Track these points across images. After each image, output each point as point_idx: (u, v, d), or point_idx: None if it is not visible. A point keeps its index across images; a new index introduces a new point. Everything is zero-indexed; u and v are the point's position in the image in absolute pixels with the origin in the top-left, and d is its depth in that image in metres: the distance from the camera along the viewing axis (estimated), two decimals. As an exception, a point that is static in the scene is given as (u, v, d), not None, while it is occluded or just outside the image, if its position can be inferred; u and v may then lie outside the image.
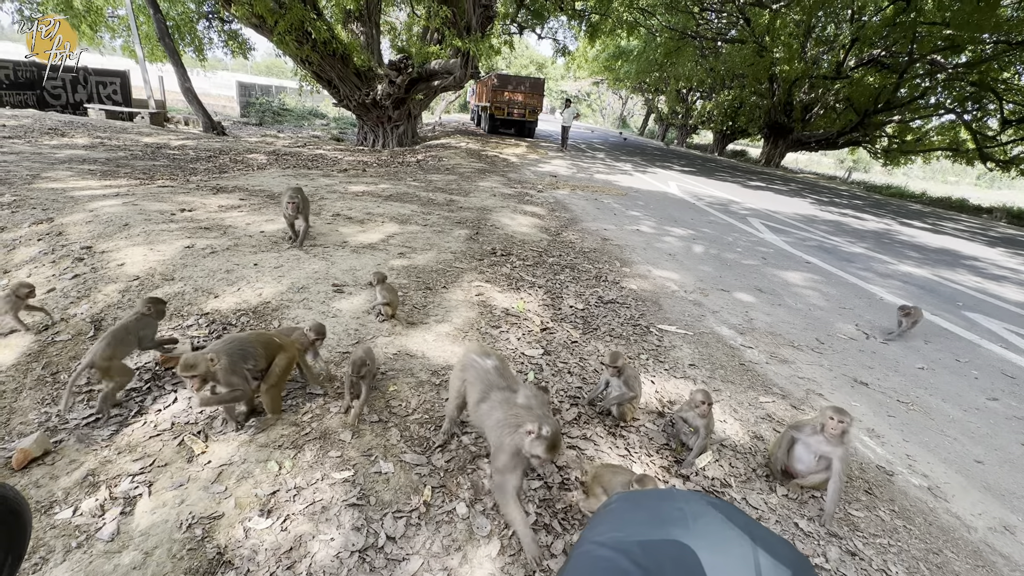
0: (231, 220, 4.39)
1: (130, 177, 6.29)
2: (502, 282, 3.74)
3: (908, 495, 2.06)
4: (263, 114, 21.93)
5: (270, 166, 8.18)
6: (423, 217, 5.40)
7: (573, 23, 17.81)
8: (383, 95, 11.83)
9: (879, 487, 2.08)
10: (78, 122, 11.36)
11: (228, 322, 2.66)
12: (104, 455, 1.75)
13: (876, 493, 2.04)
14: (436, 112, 29.70)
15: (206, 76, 24.56)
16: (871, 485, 2.08)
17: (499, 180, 8.90)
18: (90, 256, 3.32)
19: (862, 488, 2.06)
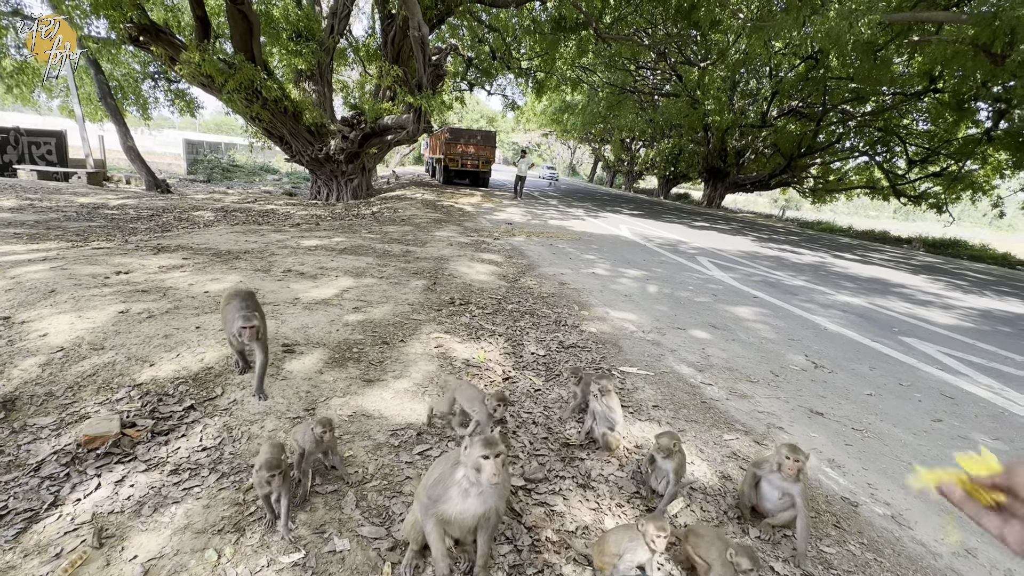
0: (172, 281, 4.16)
1: (61, 240, 5.92)
2: (462, 332, 3.68)
3: (874, 525, 2.08)
4: (211, 171, 21.50)
5: (218, 223, 7.92)
6: (379, 269, 5.32)
7: (520, 80, 18.80)
8: (336, 150, 11.89)
9: (846, 519, 2.09)
10: (5, 184, 10.74)
11: (164, 392, 2.45)
12: (6, 559, 1.52)
13: (844, 526, 2.04)
14: (391, 165, 30.05)
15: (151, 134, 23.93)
16: (839, 518, 2.09)
17: (455, 229, 8.97)
18: (7, 328, 3.03)
19: (831, 523, 2.06)
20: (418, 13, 9.28)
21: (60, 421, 2.19)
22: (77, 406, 2.31)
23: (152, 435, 2.13)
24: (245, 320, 2.33)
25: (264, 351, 2.45)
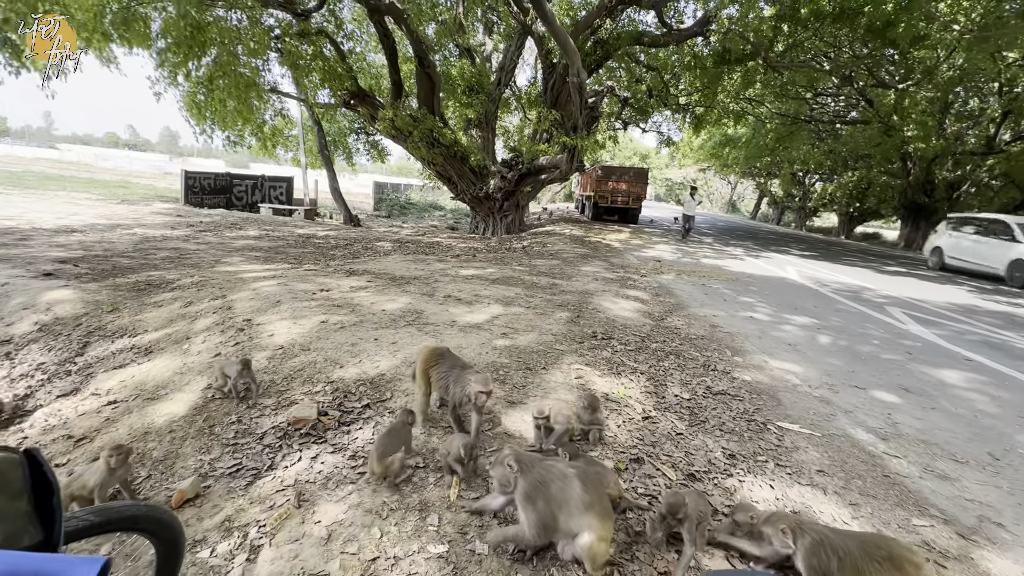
0: (359, 299, 4.96)
1: (284, 262, 7.46)
2: (603, 366, 3.69)
3: None
4: (392, 208, 25.02)
5: (394, 252, 9.19)
6: (527, 300, 5.62)
7: (677, 116, 18.41)
8: (495, 189, 12.96)
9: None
10: (252, 218, 13.91)
11: (349, 390, 2.93)
12: (239, 503, 1.97)
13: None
14: (542, 201, 31.55)
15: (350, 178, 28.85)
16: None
17: (601, 265, 9.03)
18: (249, 328, 3.93)
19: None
20: (577, 61, 9.82)
21: (277, 403, 2.78)
22: (289, 393, 2.90)
23: (338, 424, 2.56)
24: (484, 384, 2.28)
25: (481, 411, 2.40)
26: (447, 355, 2.63)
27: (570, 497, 1.66)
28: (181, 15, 8.25)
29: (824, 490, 2.38)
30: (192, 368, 3.30)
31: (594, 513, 1.64)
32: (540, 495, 1.67)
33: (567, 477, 1.70)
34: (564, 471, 1.73)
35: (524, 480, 1.69)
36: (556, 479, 1.69)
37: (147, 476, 2.24)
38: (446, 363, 2.57)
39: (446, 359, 2.59)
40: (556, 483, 1.69)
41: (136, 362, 3.56)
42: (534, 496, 1.66)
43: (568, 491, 1.67)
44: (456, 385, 2.44)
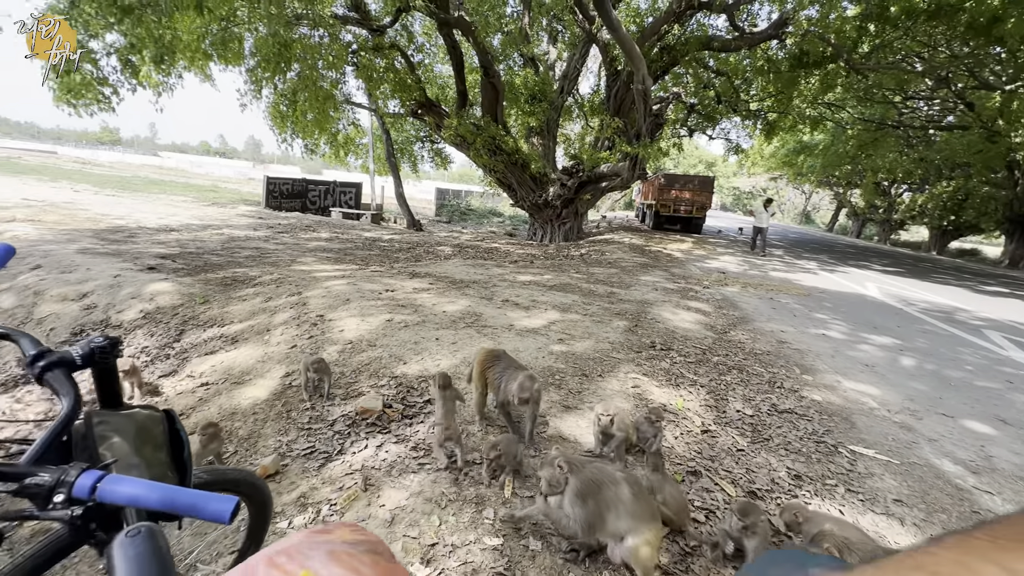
0: (421, 300, 5.16)
1: (353, 263, 7.88)
2: (660, 376, 3.63)
3: None
4: (452, 213, 25.71)
5: (454, 256, 9.46)
6: (583, 307, 5.61)
7: (747, 123, 17.66)
8: (554, 196, 13.02)
9: None
10: (324, 221, 14.78)
11: (411, 386, 3.08)
12: (313, 483, 2.14)
13: None
14: (601, 209, 31.23)
15: (414, 184, 29.86)
16: None
17: (662, 275, 8.83)
18: (321, 323, 4.22)
19: None
20: (643, 68, 9.71)
21: (346, 394, 2.97)
22: (356, 385, 3.09)
23: (401, 417, 2.70)
24: (529, 381, 2.37)
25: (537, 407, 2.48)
26: (503, 357, 2.70)
27: (620, 500, 1.68)
28: (271, 34, 8.99)
29: (901, 521, 2.22)
30: (272, 357, 3.59)
31: (642, 518, 1.65)
32: (591, 494, 1.69)
33: (617, 481, 1.72)
34: (614, 475, 1.75)
35: (575, 479, 1.72)
36: (607, 481, 1.71)
37: (234, 451, 2.47)
38: (501, 364, 2.64)
39: (502, 360, 2.67)
40: (607, 485, 1.71)
41: (224, 349, 3.91)
42: (585, 495, 1.69)
43: (618, 494, 1.69)
44: (506, 384, 2.51)
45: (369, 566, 0.38)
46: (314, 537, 0.40)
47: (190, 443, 2.12)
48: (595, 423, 2.40)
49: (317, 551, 0.38)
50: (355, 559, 0.37)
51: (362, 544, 0.41)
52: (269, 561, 0.36)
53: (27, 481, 0.59)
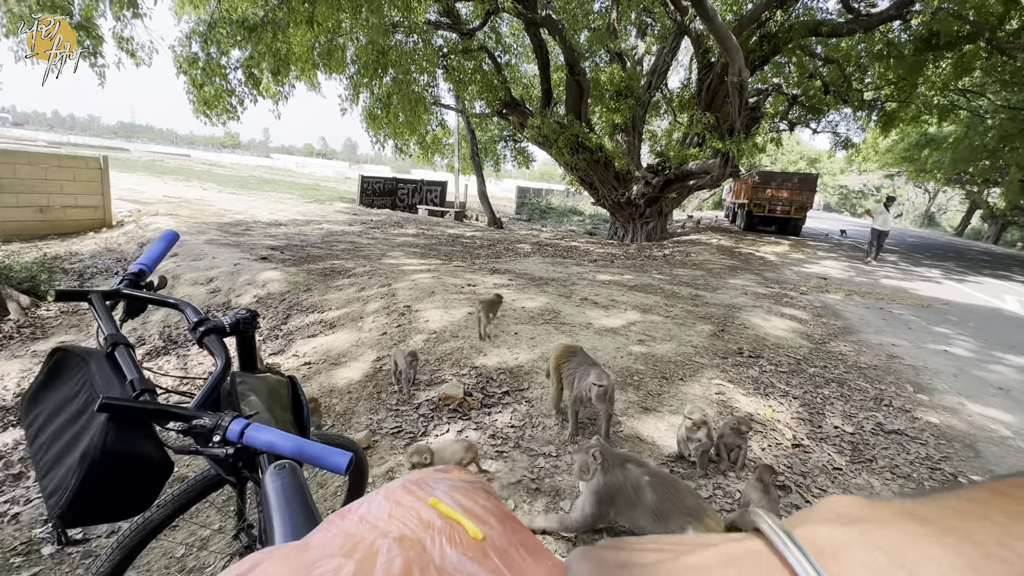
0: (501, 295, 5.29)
1: (437, 258, 8.24)
2: (747, 384, 3.44)
3: None
4: (532, 211, 25.89)
5: (533, 254, 9.55)
6: (665, 309, 5.44)
7: (860, 114, 15.99)
8: (638, 195, 12.67)
9: None
10: (411, 218, 15.56)
11: (490, 376, 3.18)
12: (399, 459, 2.30)
13: None
14: (687, 209, 29.87)
15: (495, 183, 30.45)
16: None
17: (752, 278, 8.29)
18: (409, 313, 4.47)
19: None
20: (739, 59, 9.16)
21: (430, 380, 3.14)
22: (440, 373, 3.25)
23: (481, 405, 2.81)
24: (598, 378, 2.35)
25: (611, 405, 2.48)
26: (579, 353, 2.71)
27: (639, 505, 1.67)
28: (370, 42, 9.64)
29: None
30: (365, 343, 3.88)
31: (663, 524, 1.60)
32: (608, 497, 1.70)
33: (641, 487, 1.69)
34: (640, 480, 1.71)
35: (602, 477, 1.71)
36: (630, 487, 1.69)
37: (331, 425, 2.71)
38: (576, 360, 2.65)
39: (577, 357, 2.67)
40: (628, 491, 1.69)
41: (323, 333, 4.29)
42: (604, 497, 1.70)
43: (640, 499, 1.67)
44: (579, 381, 2.50)
45: (483, 500, 0.43)
46: (436, 474, 0.46)
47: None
48: (682, 425, 2.34)
49: (441, 484, 0.43)
50: (471, 495, 0.43)
51: (475, 483, 0.47)
52: (403, 487, 0.42)
53: (194, 423, 0.72)
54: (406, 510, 0.39)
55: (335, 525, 0.40)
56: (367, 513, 0.41)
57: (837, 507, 0.24)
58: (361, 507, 0.42)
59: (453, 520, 0.38)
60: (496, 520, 0.39)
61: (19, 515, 2.04)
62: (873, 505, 0.24)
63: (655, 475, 1.80)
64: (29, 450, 0.77)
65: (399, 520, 0.39)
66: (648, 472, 1.78)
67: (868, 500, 0.24)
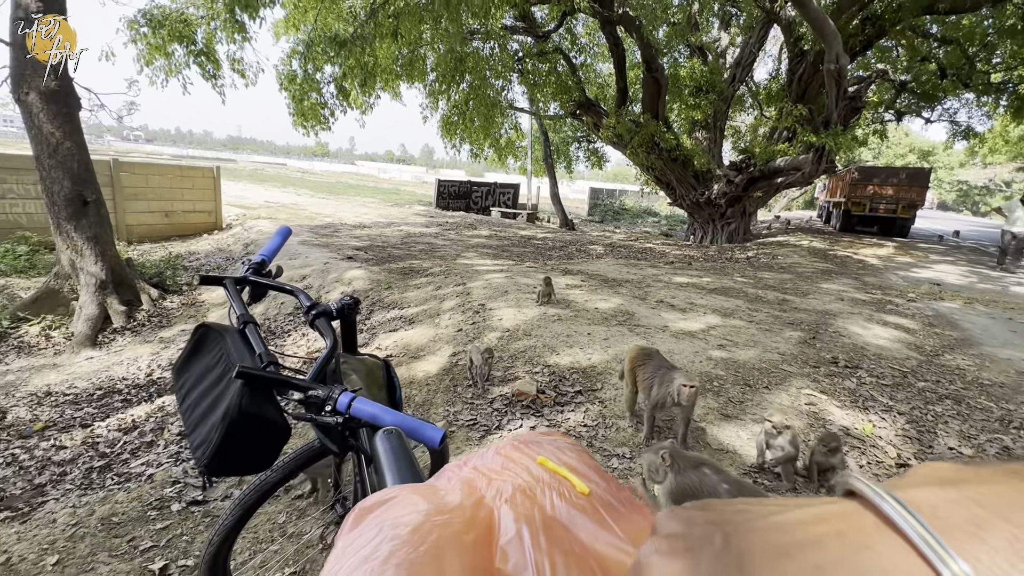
0: (573, 296, 5.27)
1: (509, 259, 8.37)
2: (843, 396, 3.17)
3: None
4: (605, 213, 25.47)
5: (606, 256, 9.41)
6: (748, 313, 5.14)
7: (985, 99, 14.12)
8: (718, 194, 12.07)
9: None
10: (485, 220, 15.91)
11: (563, 376, 3.19)
12: (474, 450, 2.37)
13: None
14: (774, 208, 27.95)
15: (567, 184, 30.33)
16: None
17: (850, 283, 7.60)
18: (483, 311, 4.59)
19: None
20: (837, 44, 8.43)
21: (504, 376, 3.20)
22: (513, 370, 3.31)
23: (554, 403, 2.83)
24: (688, 378, 2.30)
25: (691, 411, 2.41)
26: (655, 356, 2.64)
27: None
28: (448, 50, 10.00)
29: None
30: (441, 338, 4.04)
31: None
32: (682, 500, 1.62)
33: (718, 494, 1.59)
34: (717, 487, 1.61)
35: (675, 479, 1.63)
36: (706, 492, 1.60)
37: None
38: (653, 363, 2.58)
39: (653, 359, 2.60)
40: (703, 496, 1.60)
41: (403, 328, 4.52)
42: (678, 500, 1.62)
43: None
44: (660, 385, 2.43)
45: (586, 459, 0.46)
46: (541, 436, 0.49)
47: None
48: (762, 430, 2.22)
49: (547, 444, 0.47)
50: (574, 454, 0.46)
51: (576, 446, 0.49)
52: (513, 445, 0.46)
53: (310, 393, 0.82)
54: (517, 464, 0.43)
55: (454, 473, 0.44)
56: (481, 464, 0.45)
57: (934, 471, 0.24)
58: (475, 459, 0.46)
59: (560, 476, 0.40)
60: (598, 477, 0.41)
61: (153, 476, 2.36)
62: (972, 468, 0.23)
63: (734, 483, 1.72)
64: (179, 409, 0.90)
65: (511, 472, 0.42)
66: (727, 480, 1.70)
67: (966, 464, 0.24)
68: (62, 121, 5.29)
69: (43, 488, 2.59)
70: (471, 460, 0.46)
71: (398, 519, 0.38)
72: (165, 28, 8.14)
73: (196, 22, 8.53)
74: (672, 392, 2.28)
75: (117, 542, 1.82)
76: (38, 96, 5.12)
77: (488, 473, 0.43)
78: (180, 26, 8.30)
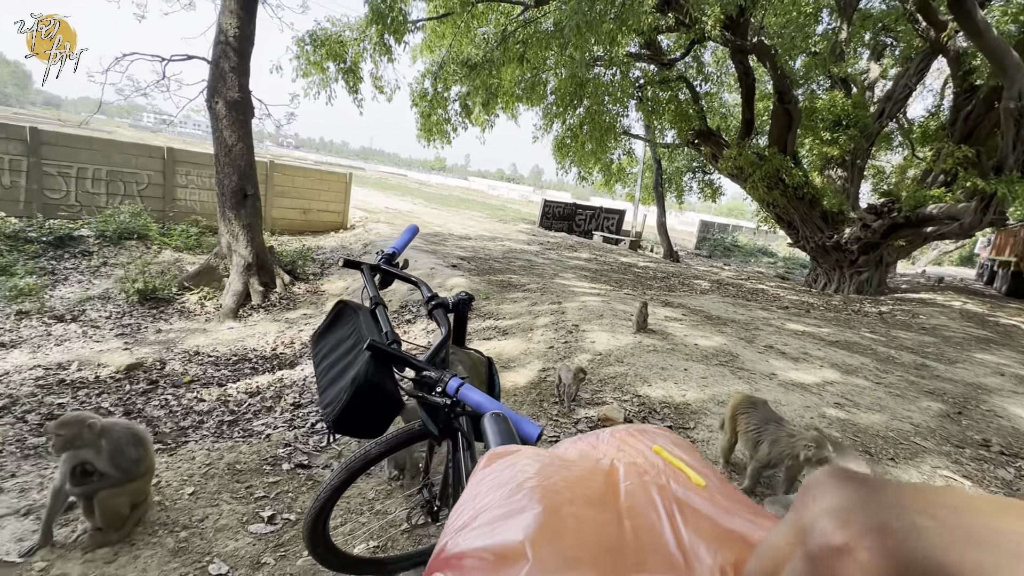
0: (672, 329, 5.05)
1: (607, 284, 8.25)
2: (994, 487, 2.66)
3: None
4: (714, 248, 24.11)
5: (711, 292, 8.89)
6: (876, 374, 4.54)
7: None
8: (850, 239, 10.88)
9: None
10: (586, 243, 15.87)
11: (653, 408, 3.06)
12: (555, 467, 2.36)
13: None
14: (920, 262, 24.52)
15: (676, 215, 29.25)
16: None
17: (1015, 357, 6.39)
18: (576, 332, 4.57)
19: None
20: (1021, 79, 7.28)
21: (592, 399, 3.15)
22: (601, 394, 3.25)
23: (641, 435, 2.72)
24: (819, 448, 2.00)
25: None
26: (761, 406, 2.44)
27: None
28: (570, 75, 10.25)
29: None
30: (532, 353, 4.09)
31: None
32: None
33: None
34: None
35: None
36: None
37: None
38: (758, 414, 2.39)
39: (759, 409, 2.42)
40: None
41: (497, 338, 4.64)
42: None
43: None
44: (772, 444, 2.25)
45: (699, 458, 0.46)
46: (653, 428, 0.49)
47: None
48: None
49: (661, 435, 0.47)
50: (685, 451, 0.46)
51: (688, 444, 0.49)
52: (627, 431, 0.47)
53: (424, 373, 0.89)
54: (632, 448, 0.44)
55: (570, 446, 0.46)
56: (596, 442, 0.46)
57: None
58: (588, 438, 0.48)
59: (676, 466, 0.41)
60: (712, 475, 0.41)
61: (270, 436, 2.66)
62: None
63: None
64: (315, 371, 1.03)
65: (626, 453, 0.43)
66: None
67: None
68: (238, 126, 6.27)
69: (186, 431, 3.04)
70: (584, 438, 0.48)
71: (528, 462, 0.41)
72: (324, 47, 9.36)
73: (349, 43, 9.70)
74: (792, 456, 2.10)
75: (237, 486, 2.08)
76: (224, 104, 6.13)
77: (605, 450, 0.44)
78: (336, 46, 9.50)
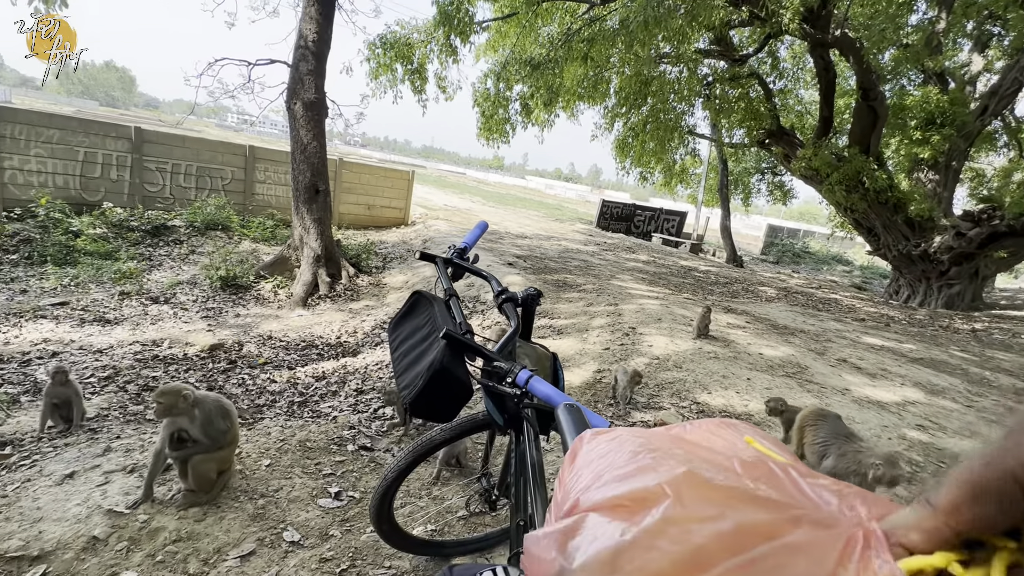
0: (734, 336, 4.85)
1: (666, 287, 8.03)
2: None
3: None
4: (782, 254, 22.81)
5: (778, 300, 8.43)
6: (965, 396, 4.14)
7: None
8: (941, 248, 9.96)
9: None
10: (644, 245, 15.50)
11: (712, 415, 2.96)
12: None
13: None
14: (1022, 278, 22.02)
15: (741, 218, 27.98)
16: None
17: None
18: (633, 334, 4.49)
19: None
20: None
21: (648, 403, 3.09)
22: (658, 399, 3.18)
23: (699, 443, 2.65)
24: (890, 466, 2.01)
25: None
26: (831, 419, 2.33)
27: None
28: (634, 74, 10.04)
29: None
30: (587, 353, 4.06)
31: None
32: None
33: None
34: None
35: None
36: None
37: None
38: (827, 427, 2.29)
39: (828, 422, 2.31)
40: None
41: (552, 337, 4.65)
42: None
43: None
44: (838, 457, 2.14)
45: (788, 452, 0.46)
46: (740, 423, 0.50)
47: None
48: None
49: (749, 429, 0.47)
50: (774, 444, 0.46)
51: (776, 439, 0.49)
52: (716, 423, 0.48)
53: (495, 364, 0.92)
54: (724, 439, 0.44)
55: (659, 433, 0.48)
56: (685, 433, 0.47)
57: None
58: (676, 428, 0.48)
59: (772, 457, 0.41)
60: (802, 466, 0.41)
61: (336, 418, 2.83)
62: None
63: None
64: (392, 356, 1.09)
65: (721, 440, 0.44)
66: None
67: None
68: (313, 125, 6.64)
69: (261, 408, 3.28)
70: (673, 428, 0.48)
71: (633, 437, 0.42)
72: (394, 49, 9.72)
73: (416, 44, 10.01)
74: (858, 473, 1.98)
75: (308, 463, 2.23)
76: (302, 105, 6.51)
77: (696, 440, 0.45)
78: (404, 48, 9.84)
